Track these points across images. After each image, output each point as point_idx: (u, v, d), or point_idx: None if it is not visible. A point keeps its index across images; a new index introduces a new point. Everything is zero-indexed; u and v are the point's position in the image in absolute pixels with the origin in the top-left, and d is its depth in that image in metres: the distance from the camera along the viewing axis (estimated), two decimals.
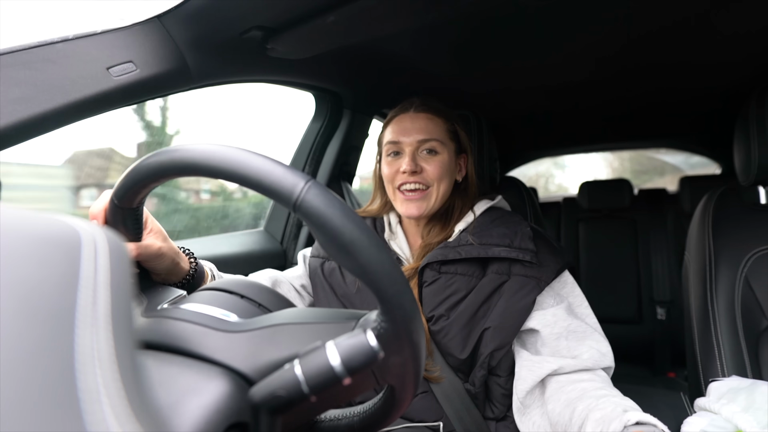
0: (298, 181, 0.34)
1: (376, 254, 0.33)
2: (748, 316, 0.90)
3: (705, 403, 0.79)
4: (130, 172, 0.42)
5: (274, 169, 0.34)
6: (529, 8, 0.87)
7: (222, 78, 0.92)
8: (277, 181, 0.34)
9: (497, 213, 0.87)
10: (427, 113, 0.86)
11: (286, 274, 0.93)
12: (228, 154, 0.35)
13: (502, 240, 0.80)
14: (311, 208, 0.33)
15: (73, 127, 0.68)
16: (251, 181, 0.34)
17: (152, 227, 0.57)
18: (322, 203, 0.33)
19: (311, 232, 0.37)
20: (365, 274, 0.33)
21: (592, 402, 0.62)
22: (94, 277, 0.25)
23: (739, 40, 1.06)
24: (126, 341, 0.25)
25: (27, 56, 0.62)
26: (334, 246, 0.33)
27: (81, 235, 0.26)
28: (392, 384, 0.39)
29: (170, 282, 0.61)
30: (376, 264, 0.33)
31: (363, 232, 0.33)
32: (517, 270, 0.78)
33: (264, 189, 0.34)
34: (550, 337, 0.73)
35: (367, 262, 0.33)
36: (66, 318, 0.23)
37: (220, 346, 0.36)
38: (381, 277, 0.33)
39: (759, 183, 0.95)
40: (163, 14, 0.74)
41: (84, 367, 0.22)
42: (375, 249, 0.33)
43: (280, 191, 0.34)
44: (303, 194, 0.33)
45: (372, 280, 0.33)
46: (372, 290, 0.34)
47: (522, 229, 0.82)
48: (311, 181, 0.34)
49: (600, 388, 0.66)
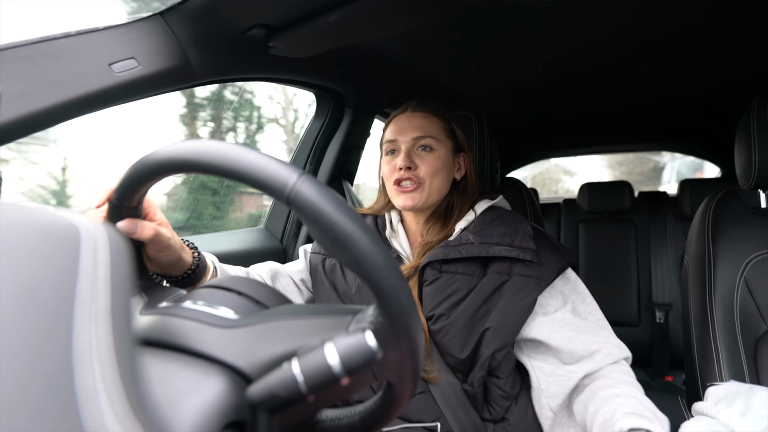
0: (291, 175, 0.34)
1: (371, 247, 0.33)
2: (747, 321, 0.90)
3: (702, 407, 0.78)
4: (129, 171, 0.42)
5: (267, 163, 0.34)
6: (530, 9, 0.87)
7: (223, 75, 0.92)
8: (271, 175, 0.34)
9: (498, 212, 0.87)
10: (423, 112, 0.87)
11: (286, 267, 0.94)
12: (222, 150, 0.35)
13: (502, 239, 0.80)
14: (304, 201, 0.33)
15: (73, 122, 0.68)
16: (245, 176, 0.34)
17: (161, 220, 0.58)
18: (316, 196, 0.33)
19: (306, 225, 0.37)
20: (360, 267, 0.33)
21: (600, 403, 0.64)
22: (94, 272, 0.25)
23: (740, 44, 1.06)
24: (125, 338, 0.25)
25: (29, 51, 0.62)
26: (328, 239, 0.33)
27: (80, 230, 0.26)
28: (391, 380, 0.39)
29: (171, 275, 0.61)
30: (370, 257, 0.33)
31: (357, 225, 0.33)
32: (518, 269, 0.78)
33: (258, 183, 0.34)
34: (563, 342, 0.74)
35: (361, 254, 0.33)
36: (64, 314, 0.23)
37: (216, 342, 0.36)
38: (376, 269, 0.33)
39: (759, 187, 0.95)
40: (166, 11, 0.74)
41: (82, 364, 0.22)
42: (369, 242, 0.33)
43: (274, 185, 0.34)
44: (296, 187, 0.33)
45: (367, 273, 0.33)
46: (367, 284, 0.34)
47: (523, 228, 0.82)
48: (304, 174, 0.34)
49: (611, 385, 0.68)
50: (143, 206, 0.53)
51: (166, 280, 0.63)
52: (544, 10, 0.88)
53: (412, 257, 0.88)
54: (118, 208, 0.47)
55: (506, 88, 1.44)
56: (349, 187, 1.45)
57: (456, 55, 1.15)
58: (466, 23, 0.96)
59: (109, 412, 0.21)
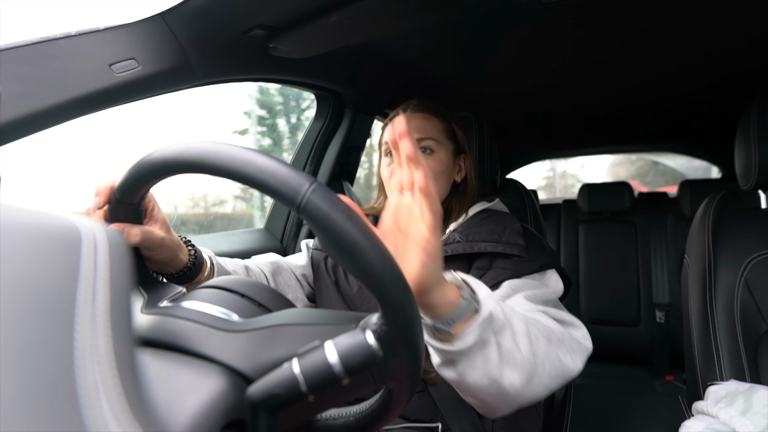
0: (303, 183, 0.33)
1: (379, 257, 0.33)
2: (747, 320, 0.90)
3: (703, 406, 0.79)
4: (134, 167, 0.42)
5: (279, 169, 0.34)
6: (531, 10, 0.87)
7: (224, 76, 0.92)
8: (282, 182, 0.33)
9: (489, 213, 0.87)
10: (423, 113, 0.86)
11: (288, 260, 0.92)
12: (233, 153, 0.35)
13: (489, 236, 0.79)
14: (315, 209, 0.33)
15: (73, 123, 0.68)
16: (256, 181, 0.34)
17: (158, 217, 0.57)
18: (326, 205, 0.33)
19: (314, 233, 0.37)
20: (367, 277, 0.33)
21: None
22: (93, 273, 0.25)
23: (741, 45, 1.06)
24: (124, 338, 0.25)
25: (29, 52, 0.62)
26: (336, 248, 0.33)
27: (81, 231, 0.26)
28: (390, 387, 0.39)
29: (167, 272, 0.61)
30: (378, 267, 0.33)
31: (366, 236, 0.33)
32: (497, 264, 0.76)
33: (268, 189, 0.34)
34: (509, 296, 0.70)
35: (369, 265, 0.33)
36: (66, 315, 0.23)
37: (219, 345, 0.36)
38: (383, 280, 0.33)
39: (759, 187, 0.95)
40: (166, 11, 0.74)
41: (84, 363, 0.22)
42: (378, 252, 0.33)
43: (285, 192, 0.33)
44: (307, 196, 0.33)
45: (373, 283, 0.33)
46: (373, 293, 0.34)
47: (511, 225, 0.81)
48: (316, 182, 0.34)
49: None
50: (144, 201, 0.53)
51: (164, 276, 0.62)
52: (544, 11, 0.88)
53: None
54: (119, 203, 0.47)
55: (506, 89, 1.44)
56: (349, 188, 1.45)
57: (456, 56, 1.15)
58: (465, 24, 0.96)
59: (109, 413, 0.21)
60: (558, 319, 0.67)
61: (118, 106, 0.74)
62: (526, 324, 0.55)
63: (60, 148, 0.91)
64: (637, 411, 1.45)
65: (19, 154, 0.65)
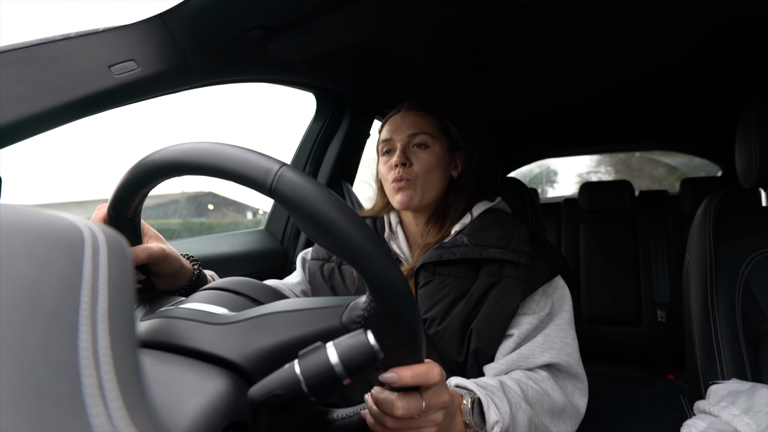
0: (272, 166, 0.33)
1: (357, 232, 0.33)
2: (749, 319, 0.90)
3: (704, 405, 0.78)
4: (121, 181, 0.42)
5: (247, 157, 0.34)
6: (530, 8, 0.87)
7: (223, 77, 0.92)
8: (252, 169, 0.34)
9: (495, 214, 0.87)
10: (417, 111, 0.88)
11: (285, 282, 0.93)
12: (202, 149, 0.35)
13: (498, 242, 0.79)
14: (286, 191, 0.33)
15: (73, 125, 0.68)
16: (227, 173, 0.34)
17: (149, 232, 0.58)
18: (297, 185, 0.33)
19: (291, 216, 0.37)
20: (347, 252, 0.33)
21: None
22: (93, 275, 0.25)
23: (740, 43, 1.06)
24: (124, 341, 0.25)
25: (28, 54, 0.62)
26: (312, 226, 0.33)
27: (83, 232, 0.26)
28: (395, 371, 0.39)
29: (177, 285, 0.61)
30: (357, 241, 0.33)
31: (341, 211, 0.33)
32: (508, 272, 0.77)
33: (240, 178, 0.34)
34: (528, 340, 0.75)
35: (347, 239, 0.32)
36: (69, 317, 0.23)
37: (210, 338, 0.36)
38: (364, 254, 0.33)
39: (760, 185, 0.95)
40: (165, 13, 0.74)
41: (88, 365, 0.22)
42: (355, 226, 0.33)
43: (255, 178, 0.33)
44: (277, 178, 0.33)
45: (354, 258, 0.33)
46: (356, 269, 0.33)
47: (519, 231, 0.82)
48: (285, 165, 0.34)
49: (529, 377, 0.71)
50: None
51: (176, 291, 0.62)
52: (543, 9, 0.88)
53: (411, 259, 0.88)
54: (115, 219, 0.47)
55: (506, 88, 1.44)
56: (349, 188, 1.45)
57: (455, 56, 1.15)
58: (465, 24, 0.96)
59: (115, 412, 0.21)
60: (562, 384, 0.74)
61: (118, 107, 0.74)
62: (530, 419, 0.64)
63: (60, 148, 0.92)
64: (639, 410, 1.45)
65: (19, 154, 0.65)
